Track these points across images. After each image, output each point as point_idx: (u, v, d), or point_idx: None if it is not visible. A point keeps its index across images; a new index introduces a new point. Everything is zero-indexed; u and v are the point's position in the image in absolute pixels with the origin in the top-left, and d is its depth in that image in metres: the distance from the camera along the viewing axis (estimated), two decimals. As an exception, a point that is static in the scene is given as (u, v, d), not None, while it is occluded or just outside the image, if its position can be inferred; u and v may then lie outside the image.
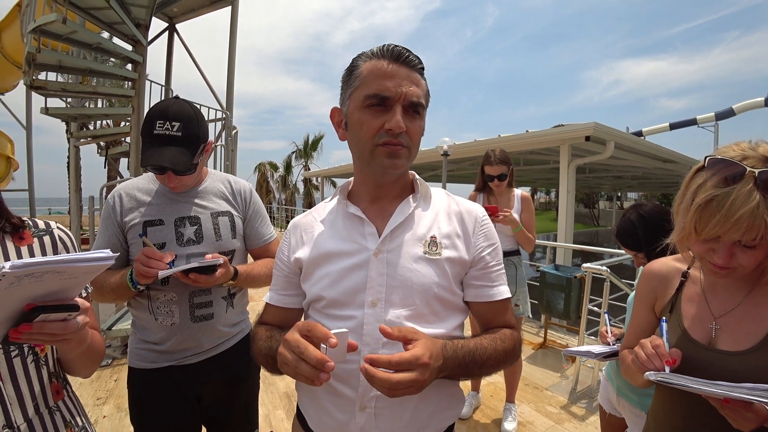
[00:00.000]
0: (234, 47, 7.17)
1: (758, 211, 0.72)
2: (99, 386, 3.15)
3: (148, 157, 1.21)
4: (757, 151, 0.79)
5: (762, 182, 0.73)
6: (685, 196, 0.85)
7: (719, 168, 0.78)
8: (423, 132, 0.88)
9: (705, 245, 0.82)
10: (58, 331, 0.69)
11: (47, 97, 5.94)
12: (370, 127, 0.82)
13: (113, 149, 7.55)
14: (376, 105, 0.82)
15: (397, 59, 0.82)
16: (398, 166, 0.85)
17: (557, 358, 3.78)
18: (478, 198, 2.80)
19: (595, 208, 40.06)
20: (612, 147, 7.62)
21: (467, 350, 0.80)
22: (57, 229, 0.94)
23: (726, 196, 0.75)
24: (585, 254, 5.68)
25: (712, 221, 0.76)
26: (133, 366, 1.38)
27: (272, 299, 1.00)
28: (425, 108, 0.87)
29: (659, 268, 1.07)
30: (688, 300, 0.97)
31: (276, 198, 30.37)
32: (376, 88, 0.81)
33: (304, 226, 0.99)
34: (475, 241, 0.91)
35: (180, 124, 1.24)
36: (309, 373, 0.67)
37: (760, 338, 0.83)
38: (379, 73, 0.82)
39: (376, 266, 0.85)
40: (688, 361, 0.88)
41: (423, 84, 0.86)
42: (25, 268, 0.56)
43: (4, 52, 8.32)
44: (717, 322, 0.90)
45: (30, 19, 4.82)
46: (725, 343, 0.87)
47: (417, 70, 0.85)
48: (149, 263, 1.18)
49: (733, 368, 0.83)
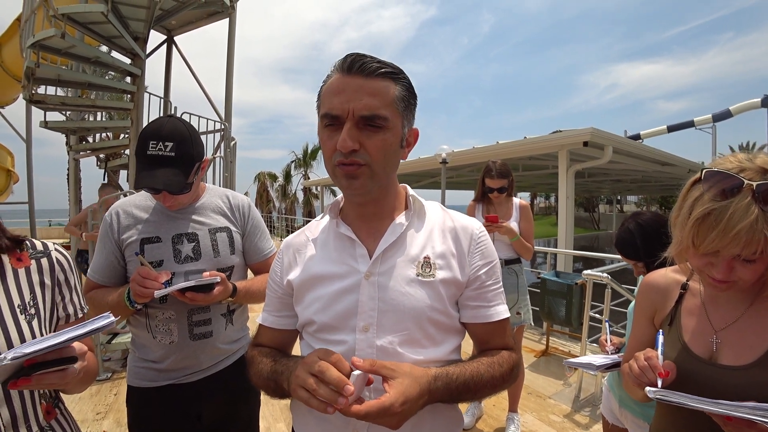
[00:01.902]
0: (232, 58, 7.21)
1: (757, 225, 0.70)
2: (99, 401, 3.13)
3: (142, 179, 1.20)
4: (755, 163, 0.77)
5: (760, 195, 0.72)
6: (682, 209, 0.83)
7: (716, 180, 0.76)
8: (393, 144, 0.79)
9: (704, 259, 0.80)
10: (57, 380, 0.70)
11: (47, 111, 5.98)
12: (327, 148, 0.79)
13: (113, 161, 7.55)
14: (330, 124, 0.77)
15: (350, 70, 0.76)
16: (356, 187, 0.79)
17: (560, 366, 3.76)
18: (477, 208, 2.81)
19: (595, 212, 40.10)
20: (610, 152, 7.65)
21: (461, 381, 0.77)
22: (55, 251, 0.94)
23: (724, 209, 0.73)
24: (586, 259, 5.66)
25: (711, 235, 0.74)
26: (132, 385, 1.36)
27: (266, 321, 0.97)
28: (389, 118, 0.77)
29: (658, 280, 1.05)
30: (688, 313, 0.94)
31: (276, 207, 30.40)
32: (327, 107, 0.77)
33: (297, 246, 0.96)
34: (471, 260, 0.87)
35: (173, 144, 1.22)
36: (329, 396, 0.65)
37: (762, 352, 0.81)
38: (330, 90, 0.77)
39: (367, 290, 0.82)
40: (688, 375, 0.86)
41: (388, 91, 0.77)
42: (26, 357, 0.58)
43: (4, 66, 8.37)
44: (718, 336, 0.87)
45: (29, 34, 4.86)
46: (727, 358, 0.85)
47: (378, 77, 0.76)
48: (144, 283, 1.16)
49: (734, 383, 0.81)
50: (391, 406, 0.66)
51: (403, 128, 0.82)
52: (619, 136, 8.41)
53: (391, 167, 0.83)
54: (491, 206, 2.76)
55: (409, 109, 0.83)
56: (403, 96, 0.80)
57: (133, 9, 5.02)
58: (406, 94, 0.81)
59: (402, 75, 0.80)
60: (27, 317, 0.83)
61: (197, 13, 6.75)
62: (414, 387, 0.70)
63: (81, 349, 0.73)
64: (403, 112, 0.81)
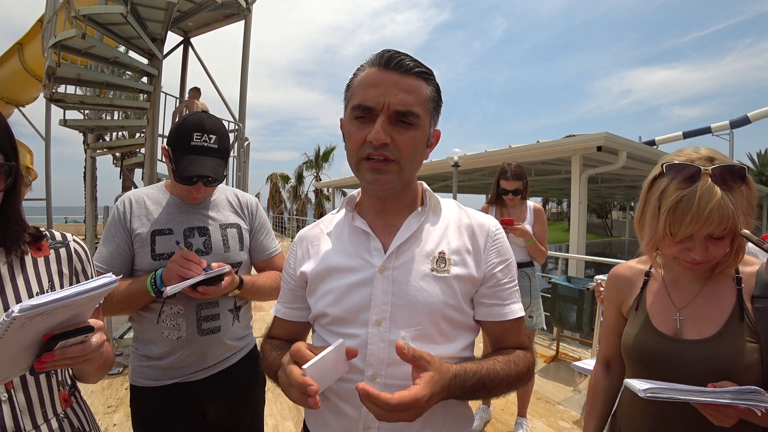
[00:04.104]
0: (247, 60, 7.30)
1: (723, 201, 0.78)
2: (110, 394, 3.18)
3: (188, 167, 1.24)
4: (701, 153, 0.87)
5: (717, 177, 0.81)
6: (648, 205, 0.91)
7: (677, 171, 0.85)
8: (422, 143, 0.81)
9: (680, 245, 0.86)
10: (79, 353, 0.71)
11: (66, 109, 6.11)
12: (355, 140, 0.79)
13: (128, 160, 7.70)
14: (361, 116, 0.78)
15: (387, 65, 0.77)
16: (382, 182, 0.80)
17: (570, 372, 3.71)
18: (490, 210, 2.79)
19: (608, 218, 39.58)
20: (624, 157, 7.55)
21: (477, 378, 0.77)
22: (73, 242, 0.96)
23: (692, 194, 0.81)
24: (598, 265, 5.60)
25: (686, 219, 0.81)
26: (135, 384, 1.35)
27: (279, 312, 0.98)
28: (421, 117, 0.78)
29: (623, 271, 1.12)
30: (653, 296, 1.02)
31: (287, 208, 30.61)
32: (360, 98, 0.77)
33: (311, 239, 0.96)
34: (487, 258, 0.86)
35: (216, 137, 1.29)
36: (298, 398, 0.66)
37: (721, 324, 0.88)
38: (365, 82, 0.78)
39: (381, 284, 0.82)
40: (657, 353, 0.93)
41: (421, 90, 0.79)
42: (33, 310, 0.58)
43: (26, 66, 8.60)
44: (680, 313, 0.94)
45: (51, 34, 4.99)
46: (690, 333, 0.91)
47: (413, 75, 0.78)
48: (189, 266, 1.19)
49: (698, 356, 0.87)
50: (422, 398, 0.66)
51: (429, 128, 0.84)
52: (634, 141, 8.30)
53: (417, 165, 0.84)
54: (505, 209, 2.73)
55: (437, 110, 0.85)
56: (433, 96, 0.82)
57: (152, 10, 5.10)
58: (435, 95, 0.83)
59: (433, 76, 0.82)
60: None
61: (214, 15, 6.85)
62: (440, 383, 0.70)
63: (97, 323, 0.74)
64: (432, 112, 0.82)
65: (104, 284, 0.67)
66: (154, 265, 1.29)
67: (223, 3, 6.11)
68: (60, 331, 0.67)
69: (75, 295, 0.63)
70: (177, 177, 1.27)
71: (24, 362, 0.67)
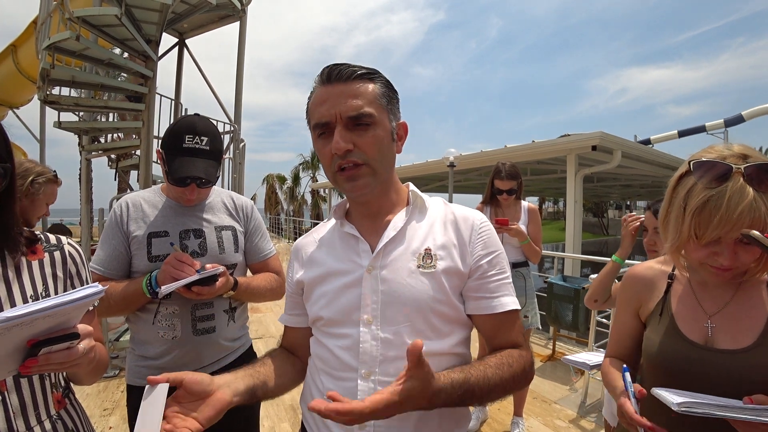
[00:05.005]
0: (242, 61, 7.29)
1: (756, 204, 0.71)
2: (106, 397, 3.17)
3: (182, 168, 1.26)
4: (733, 150, 0.79)
5: (750, 176, 0.73)
6: (673, 205, 0.84)
7: (706, 169, 0.77)
8: (385, 139, 0.83)
9: (706, 249, 0.80)
10: (64, 359, 0.71)
11: (60, 111, 6.08)
12: (324, 156, 0.83)
13: (123, 162, 7.65)
14: (322, 133, 0.82)
15: (329, 79, 0.81)
16: (359, 187, 0.82)
17: (566, 371, 3.73)
18: (485, 210, 2.79)
19: (604, 217, 39.74)
20: (619, 156, 7.60)
21: (465, 389, 0.73)
22: (67, 245, 0.96)
23: (721, 194, 0.74)
24: (594, 264, 5.62)
25: (713, 222, 0.74)
26: (132, 384, 1.37)
27: (283, 320, 1.04)
28: (375, 115, 0.81)
29: (643, 272, 1.03)
30: (679, 301, 0.94)
31: (284, 209, 30.55)
32: (317, 117, 0.81)
33: (306, 248, 0.99)
34: (472, 250, 0.86)
35: (208, 139, 1.31)
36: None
37: (758, 334, 0.81)
38: (316, 101, 0.82)
39: (370, 283, 0.84)
40: (687, 361, 0.86)
41: (367, 90, 0.81)
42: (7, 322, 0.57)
43: (20, 67, 8.55)
44: (711, 320, 0.87)
45: (45, 36, 4.96)
46: (723, 342, 0.84)
47: (355, 80, 0.81)
48: (182, 267, 1.20)
49: (733, 366, 0.80)
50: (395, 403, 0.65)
51: (390, 122, 0.85)
52: (628, 140, 8.35)
53: (388, 162, 0.86)
54: (499, 209, 2.74)
55: (392, 104, 0.86)
56: (383, 92, 0.84)
57: (146, 12, 5.09)
58: (386, 90, 0.85)
59: (378, 74, 0.85)
60: None
61: (209, 16, 6.83)
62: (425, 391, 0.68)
63: (85, 330, 0.73)
64: (387, 107, 0.84)
65: (87, 295, 0.66)
66: (151, 266, 1.31)
67: (218, 4, 6.09)
68: (45, 338, 0.67)
69: (56, 306, 0.62)
70: (170, 179, 1.29)
71: (11, 365, 0.67)
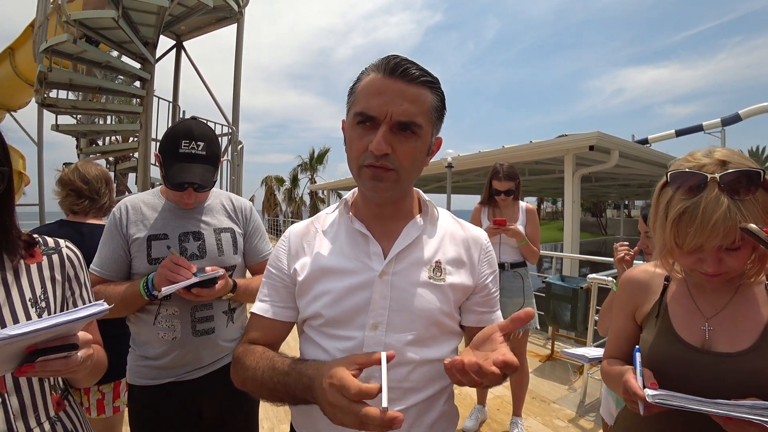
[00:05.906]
0: (240, 63, 7.30)
1: (730, 213, 0.73)
2: (105, 401, 3.16)
3: (177, 174, 1.26)
4: (714, 157, 0.80)
5: (726, 185, 0.75)
6: (657, 214, 0.86)
7: (682, 180, 0.80)
8: (422, 153, 0.81)
9: (691, 257, 0.82)
10: (61, 368, 0.71)
11: (58, 114, 6.08)
12: (357, 147, 0.79)
13: (122, 164, 7.67)
14: (363, 123, 0.77)
15: (392, 73, 0.75)
16: (380, 190, 0.80)
17: (565, 371, 3.74)
18: (483, 210, 2.80)
19: (602, 217, 39.80)
20: (616, 156, 7.61)
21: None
22: (66, 248, 0.96)
23: (696, 205, 0.76)
24: (593, 264, 5.63)
25: (690, 232, 0.77)
26: (133, 383, 1.39)
27: (266, 312, 0.90)
28: (423, 127, 0.78)
29: (639, 275, 1.04)
30: (675, 303, 0.94)
31: (282, 211, 30.54)
32: (363, 106, 0.76)
33: (305, 236, 0.93)
34: (480, 269, 0.92)
35: (204, 144, 1.31)
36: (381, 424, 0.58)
37: (756, 337, 0.82)
38: (369, 90, 0.77)
39: (380, 288, 0.83)
40: (683, 364, 0.86)
41: (425, 100, 0.78)
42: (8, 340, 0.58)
43: (17, 70, 8.53)
44: (709, 323, 0.88)
45: (42, 39, 4.97)
46: (721, 345, 0.85)
47: (418, 84, 0.76)
48: (177, 270, 1.21)
49: (731, 369, 0.81)
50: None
51: (431, 137, 0.83)
52: (626, 140, 8.36)
53: (416, 174, 0.84)
54: (497, 209, 2.75)
55: (440, 119, 0.84)
56: (437, 106, 0.81)
57: (144, 15, 5.10)
58: (439, 104, 0.82)
59: (439, 85, 0.81)
60: (38, 310, 0.85)
61: (206, 18, 6.85)
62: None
63: (85, 338, 0.74)
64: (434, 122, 0.82)
65: (92, 314, 0.67)
66: (150, 269, 1.32)
67: (215, 6, 6.11)
68: (43, 346, 0.67)
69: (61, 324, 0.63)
70: (167, 184, 1.30)
71: (8, 365, 0.67)
